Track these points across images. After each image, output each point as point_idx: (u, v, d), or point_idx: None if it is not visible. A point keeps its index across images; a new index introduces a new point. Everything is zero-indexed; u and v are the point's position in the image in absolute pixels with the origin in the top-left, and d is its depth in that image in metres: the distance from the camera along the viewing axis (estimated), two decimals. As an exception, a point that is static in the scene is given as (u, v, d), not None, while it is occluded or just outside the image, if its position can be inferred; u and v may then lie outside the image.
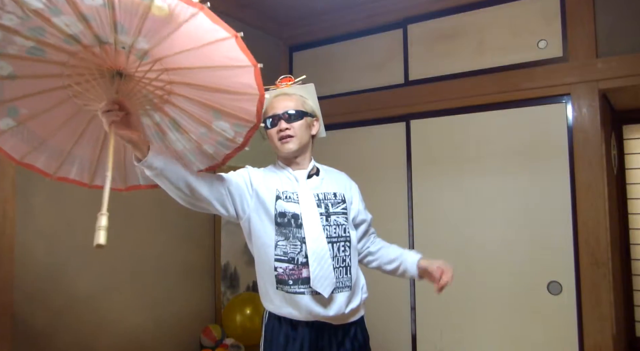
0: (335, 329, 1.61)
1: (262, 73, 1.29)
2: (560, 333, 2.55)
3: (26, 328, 2.00)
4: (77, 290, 2.20)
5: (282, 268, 1.56)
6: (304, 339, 1.57)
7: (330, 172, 1.77)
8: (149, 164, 1.34)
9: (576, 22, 2.60)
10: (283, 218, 1.58)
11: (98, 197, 1.23)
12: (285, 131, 1.61)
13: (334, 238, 1.60)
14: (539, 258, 2.62)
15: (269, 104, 1.65)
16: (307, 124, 1.67)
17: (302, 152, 1.67)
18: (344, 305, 1.57)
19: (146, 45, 1.19)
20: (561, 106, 2.61)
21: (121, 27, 1.14)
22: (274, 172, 1.68)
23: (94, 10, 1.09)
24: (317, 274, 1.53)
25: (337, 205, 1.65)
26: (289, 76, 1.72)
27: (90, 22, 1.12)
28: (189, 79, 1.31)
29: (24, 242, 2.01)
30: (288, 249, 1.56)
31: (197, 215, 2.79)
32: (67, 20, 1.11)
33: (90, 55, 1.23)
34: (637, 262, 3.85)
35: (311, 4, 3.16)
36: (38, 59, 1.21)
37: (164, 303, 2.61)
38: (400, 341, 3.00)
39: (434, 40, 3.03)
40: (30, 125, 1.35)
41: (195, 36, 1.19)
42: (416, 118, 3.06)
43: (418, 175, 3.04)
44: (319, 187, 1.66)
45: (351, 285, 1.60)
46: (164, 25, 1.14)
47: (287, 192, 1.61)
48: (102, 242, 1.23)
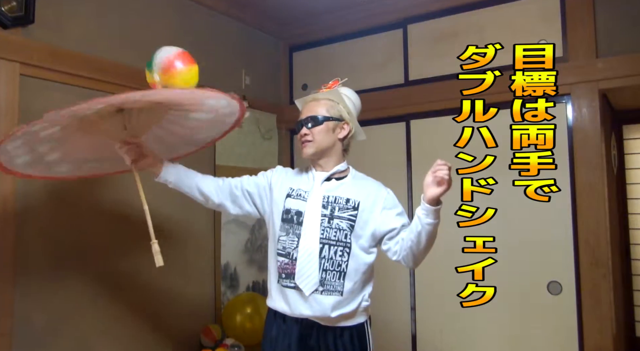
0: (324, 330, 1.62)
1: (262, 73, 1.31)
2: (560, 333, 2.55)
3: (26, 328, 2.00)
4: (77, 290, 2.20)
5: (280, 261, 1.65)
6: (292, 335, 1.63)
7: (360, 178, 1.77)
8: (164, 180, 1.67)
9: (576, 22, 2.60)
10: (288, 214, 1.67)
11: (98, 198, 1.24)
12: (304, 136, 1.70)
13: (332, 241, 1.61)
14: (539, 258, 2.62)
15: (301, 110, 1.78)
16: (330, 128, 1.70)
17: (322, 156, 1.71)
18: (329, 308, 1.58)
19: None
20: (561, 106, 2.61)
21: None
22: (300, 171, 1.80)
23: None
24: (301, 270, 1.58)
25: (345, 210, 1.65)
26: (335, 79, 1.80)
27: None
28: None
29: (24, 241, 2.01)
30: (287, 244, 1.64)
31: (197, 215, 2.80)
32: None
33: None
34: (637, 261, 3.85)
35: (311, 4, 3.16)
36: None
37: (164, 303, 2.60)
38: (400, 341, 3.00)
39: (434, 40, 3.03)
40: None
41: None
42: (416, 118, 3.06)
43: (418, 175, 3.04)
44: (333, 190, 1.68)
45: (342, 291, 1.60)
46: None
47: (300, 190, 1.69)
48: (161, 264, 1.56)
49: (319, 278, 1.58)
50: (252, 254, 3.17)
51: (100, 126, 1.56)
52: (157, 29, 2.64)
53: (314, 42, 3.51)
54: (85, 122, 1.51)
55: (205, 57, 2.95)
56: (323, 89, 1.77)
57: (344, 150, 1.76)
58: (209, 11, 2.96)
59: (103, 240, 2.33)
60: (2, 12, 1.92)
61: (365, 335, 1.68)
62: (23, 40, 2.02)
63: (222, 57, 3.07)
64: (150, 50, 1.69)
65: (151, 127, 1.71)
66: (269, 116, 3.35)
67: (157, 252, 1.56)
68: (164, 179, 1.67)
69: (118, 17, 2.46)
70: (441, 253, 2.96)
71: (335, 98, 1.74)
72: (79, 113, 1.39)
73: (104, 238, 2.34)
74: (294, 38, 3.56)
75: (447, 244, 2.92)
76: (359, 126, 1.80)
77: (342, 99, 1.73)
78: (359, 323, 1.67)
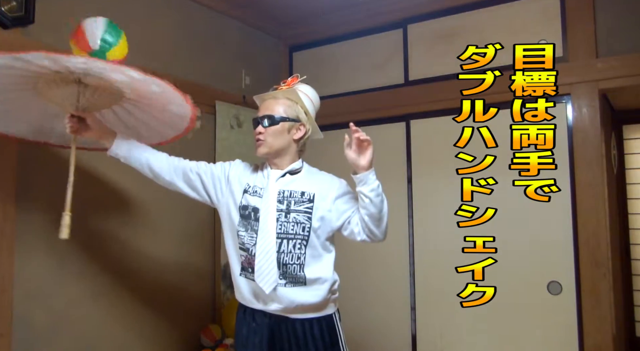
0: (293, 324, 1.64)
1: (262, 73, 1.31)
2: (560, 333, 2.55)
3: (26, 328, 2.00)
4: (77, 289, 2.20)
5: (243, 256, 1.67)
6: (263, 331, 1.65)
7: (313, 173, 1.78)
8: (114, 153, 1.68)
9: (576, 22, 2.60)
10: (245, 210, 1.68)
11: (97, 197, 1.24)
12: (258, 135, 1.71)
13: (290, 235, 1.63)
14: (539, 258, 2.62)
15: (259, 106, 1.77)
16: (285, 129, 1.70)
17: (276, 155, 1.72)
18: (294, 299, 1.61)
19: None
20: (561, 106, 2.61)
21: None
22: (256, 167, 1.80)
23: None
24: (260, 268, 1.60)
25: (301, 203, 1.66)
26: (294, 76, 1.76)
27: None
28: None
29: (24, 241, 2.01)
30: (246, 240, 1.65)
31: (197, 215, 2.80)
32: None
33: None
34: (637, 261, 3.85)
35: (311, 4, 3.16)
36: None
37: (164, 303, 2.61)
38: (400, 341, 3.00)
39: (434, 40, 3.03)
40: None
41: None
42: (416, 118, 3.06)
43: (418, 175, 3.04)
44: (287, 184, 1.70)
45: (305, 281, 1.63)
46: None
47: (256, 186, 1.71)
48: (65, 237, 1.58)
49: (279, 274, 1.60)
50: (252, 254, 3.17)
51: (55, 91, 1.58)
52: (157, 29, 2.64)
53: (314, 42, 3.51)
54: (42, 82, 1.55)
55: (205, 57, 2.97)
56: (282, 86, 1.75)
57: (300, 150, 1.77)
58: (209, 11, 2.96)
59: (103, 240, 2.33)
60: (2, 12, 1.92)
61: (335, 326, 1.69)
62: (23, 40, 2.02)
63: (222, 57, 3.07)
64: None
65: (101, 110, 1.76)
66: (269, 116, 3.35)
67: (66, 225, 1.59)
68: (114, 153, 1.68)
69: (118, 17, 2.45)
70: (441, 253, 2.97)
71: (294, 98, 1.73)
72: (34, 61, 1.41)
73: (105, 237, 2.34)
74: (294, 38, 3.56)
75: (447, 244, 2.93)
76: (316, 125, 1.79)
77: (300, 99, 1.72)
78: (327, 314, 1.68)
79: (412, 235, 3.01)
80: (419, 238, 2.99)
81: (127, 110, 1.82)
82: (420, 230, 2.99)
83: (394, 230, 3.05)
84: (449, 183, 2.90)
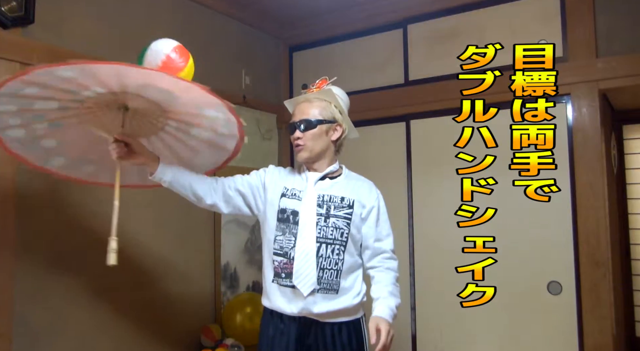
0: (322, 327, 1.63)
1: (262, 73, 1.31)
2: (560, 333, 2.55)
3: (26, 328, 2.00)
4: (76, 289, 2.20)
5: (277, 261, 1.64)
6: (291, 334, 1.63)
7: (352, 178, 1.78)
8: (158, 178, 1.62)
9: (576, 22, 2.60)
10: (283, 214, 1.66)
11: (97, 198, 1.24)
12: (297, 140, 1.70)
13: (329, 240, 1.62)
14: (539, 258, 2.62)
15: (293, 110, 1.77)
16: (323, 131, 1.70)
17: (317, 159, 1.71)
18: (326, 306, 1.60)
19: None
20: (561, 106, 2.61)
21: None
22: (293, 171, 1.79)
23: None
24: (299, 270, 1.59)
25: (341, 209, 1.66)
26: (323, 78, 1.76)
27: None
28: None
29: (24, 240, 2.01)
30: (284, 243, 1.64)
31: (197, 215, 2.79)
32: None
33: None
34: (637, 261, 3.85)
35: (311, 4, 3.16)
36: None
37: (164, 303, 2.60)
38: (400, 341, 3.00)
39: (434, 40, 3.03)
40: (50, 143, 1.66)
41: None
42: (416, 118, 3.06)
43: (418, 175, 3.04)
44: (327, 189, 1.69)
45: (338, 289, 1.62)
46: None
47: (294, 189, 1.69)
48: (113, 263, 1.55)
49: (317, 278, 1.59)
50: (252, 254, 3.17)
51: (100, 118, 1.56)
52: (157, 29, 2.64)
53: (314, 42, 3.51)
54: (84, 110, 1.52)
55: (205, 57, 2.96)
56: (312, 89, 1.75)
57: (337, 151, 1.77)
58: (209, 11, 2.96)
59: (103, 240, 2.33)
60: (2, 12, 1.92)
61: (361, 331, 1.69)
62: (23, 40, 2.02)
63: (222, 57, 3.07)
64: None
65: (149, 135, 1.72)
66: (269, 116, 3.35)
67: (113, 250, 1.57)
68: (158, 178, 1.62)
69: (118, 17, 2.46)
70: (441, 253, 2.97)
71: (327, 98, 1.73)
72: (62, 74, 1.32)
73: (105, 237, 2.34)
74: (294, 38, 3.56)
75: (447, 244, 2.93)
76: (352, 124, 1.80)
77: (334, 99, 1.73)
78: (355, 318, 1.68)
79: (412, 235, 3.01)
80: (419, 238, 2.99)
81: (174, 136, 1.75)
82: (420, 230, 2.99)
83: (394, 230, 3.04)
84: (449, 183, 2.90)
